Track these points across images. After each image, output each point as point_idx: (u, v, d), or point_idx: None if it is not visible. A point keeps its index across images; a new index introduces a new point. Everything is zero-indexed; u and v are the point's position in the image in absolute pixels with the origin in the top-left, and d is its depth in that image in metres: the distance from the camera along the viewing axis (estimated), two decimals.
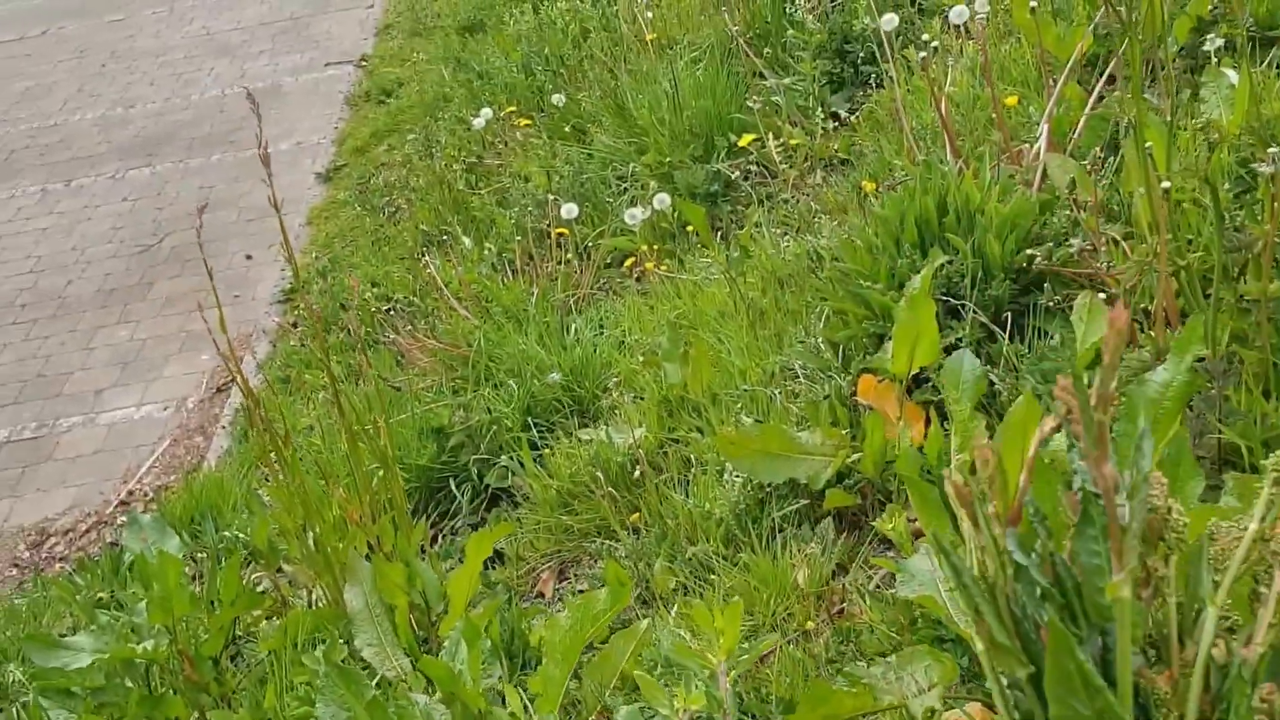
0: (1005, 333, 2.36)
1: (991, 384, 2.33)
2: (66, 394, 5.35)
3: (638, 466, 2.70)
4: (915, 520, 2.02)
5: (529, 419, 3.52)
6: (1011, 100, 3.20)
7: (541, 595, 2.88)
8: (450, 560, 3.10)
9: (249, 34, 9.32)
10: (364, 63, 8.25)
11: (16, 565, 4.63)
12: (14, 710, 3.04)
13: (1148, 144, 2.11)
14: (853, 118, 4.33)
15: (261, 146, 2.74)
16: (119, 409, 5.21)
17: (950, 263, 2.53)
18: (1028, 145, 3.14)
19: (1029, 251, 2.47)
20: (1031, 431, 1.33)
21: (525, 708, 1.57)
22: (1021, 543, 1.14)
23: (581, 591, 2.76)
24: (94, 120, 8.16)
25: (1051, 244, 2.54)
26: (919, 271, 2.55)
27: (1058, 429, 1.07)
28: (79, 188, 7.19)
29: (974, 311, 2.39)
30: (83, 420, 5.18)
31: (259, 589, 3.18)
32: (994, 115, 3.31)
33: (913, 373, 2.23)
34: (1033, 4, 3.05)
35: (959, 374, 1.80)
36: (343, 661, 2.11)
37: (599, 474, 2.76)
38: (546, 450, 3.23)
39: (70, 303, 6.02)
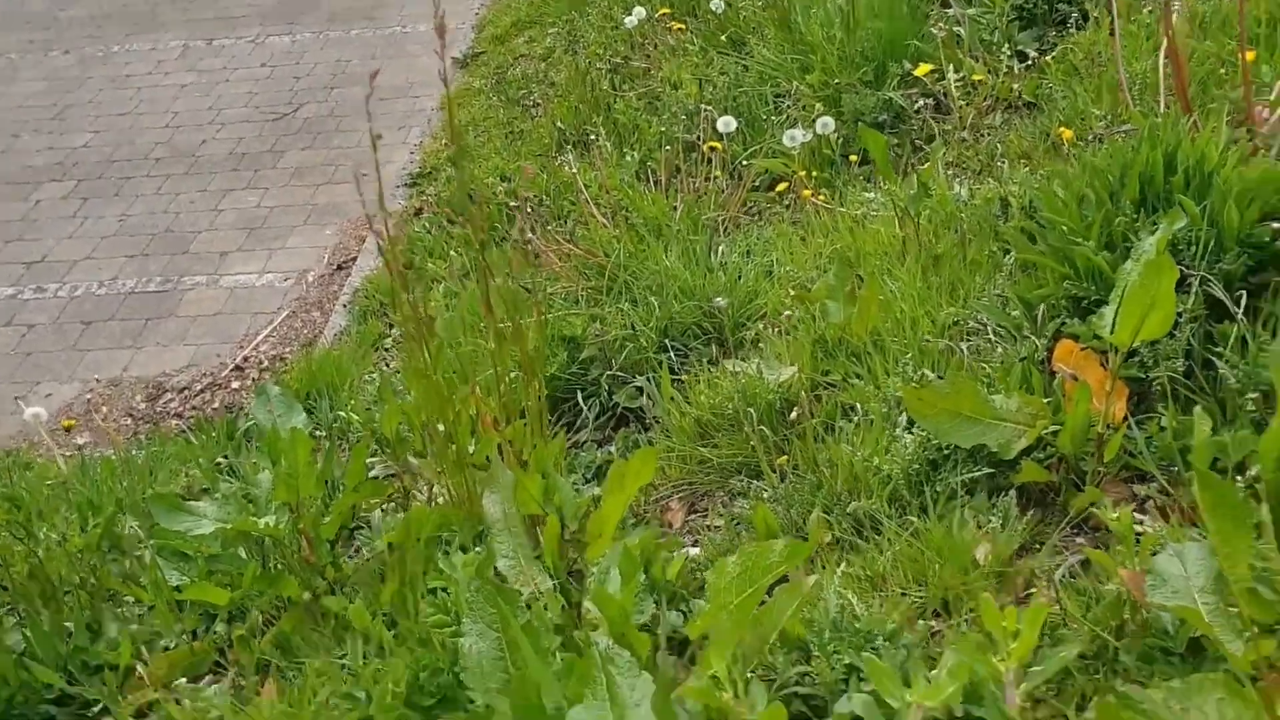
0: (1240, 310, 2.11)
1: (1214, 366, 2.11)
2: (192, 252, 5.34)
3: (795, 408, 2.52)
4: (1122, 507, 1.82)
5: (665, 340, 3.36)
6: (1250, 55, 2.88)
7: (670, 526, 2.74)
8: (574, 476, 2.97)
9: None
10: None
11: (131, 415, 4.65)
12: (126, 563, 3.01)
13: None
14: (1043, 59, 4.01)
15: (437, 15, 2.58)
16: (241, 274, 5.18)
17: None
18: (1261, 107, 2.84)
19: (1273, 224, 2.21)
20: None
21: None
22: None
23: (715, 528, 2.61)
24: None
25: None
26: (1138, 233, 2.31)
27: None
28: (219, 48, 7.14)
29: (1205, 283, 2.14)
30: (206, 281, 5.16)
31: (372, 475, 3.10)
32: (1223, 70, 3.01)
33: (1134, 345, 2.01)
34: None
35: None
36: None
37: (750, 410, 2.59)
38: (687, 376, 3.07)
39: (203, 162, 5.99)
